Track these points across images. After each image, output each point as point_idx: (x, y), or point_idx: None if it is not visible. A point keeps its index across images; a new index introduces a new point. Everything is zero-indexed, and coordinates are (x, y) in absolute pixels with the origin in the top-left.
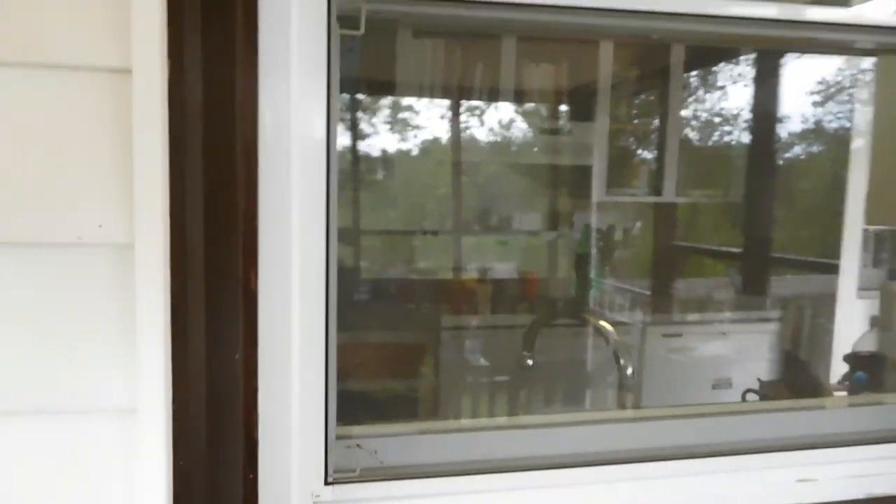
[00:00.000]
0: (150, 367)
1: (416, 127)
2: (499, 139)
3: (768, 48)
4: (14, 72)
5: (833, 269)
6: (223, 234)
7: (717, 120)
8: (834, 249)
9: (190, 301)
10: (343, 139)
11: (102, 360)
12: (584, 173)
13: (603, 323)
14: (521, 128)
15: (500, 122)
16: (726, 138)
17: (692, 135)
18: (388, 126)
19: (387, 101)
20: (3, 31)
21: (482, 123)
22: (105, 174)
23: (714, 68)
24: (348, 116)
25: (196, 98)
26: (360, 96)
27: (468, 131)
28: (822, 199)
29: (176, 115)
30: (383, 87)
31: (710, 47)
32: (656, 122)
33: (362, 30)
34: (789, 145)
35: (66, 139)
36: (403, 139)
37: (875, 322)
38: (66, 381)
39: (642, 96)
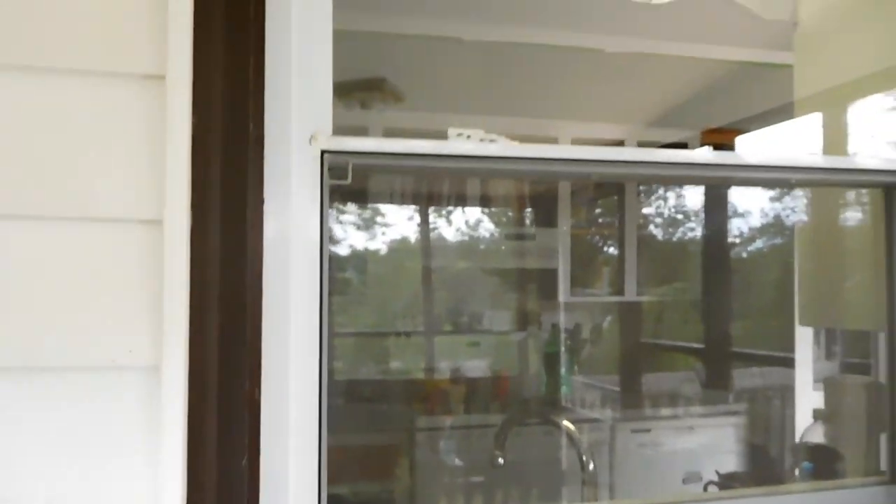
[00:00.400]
0: (170, 478)
1: (386, 230)
2: (467, 244)
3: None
4: (65, 225)
5: (790, 363)
6: (233, 357)
7: (674, 219)
8: (790, 343)
9: (205, 415)
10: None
11: (129, 471)
12: (549, 275)
13: (565, 422)
14: (488, 233)
15: (468, 227)
16: (683, 237)
17: (650, 235)
18: (361, 230)
19: (360, 206)
20: (51, 190)
21: (451, 229)
22: (137, 312)
23: None
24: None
25: (214, 244)
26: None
27: (438, 236)
28: (775, 294)
29: (197, 259)
30: (356, 195)
31: (659, 145)
32: (615, 224)
33: (349, 180)
34: (746, 241)
35: (105, 281)
36: (375, 243)
37: (817, 415)
38: (100, 491)
39: (600, 200)
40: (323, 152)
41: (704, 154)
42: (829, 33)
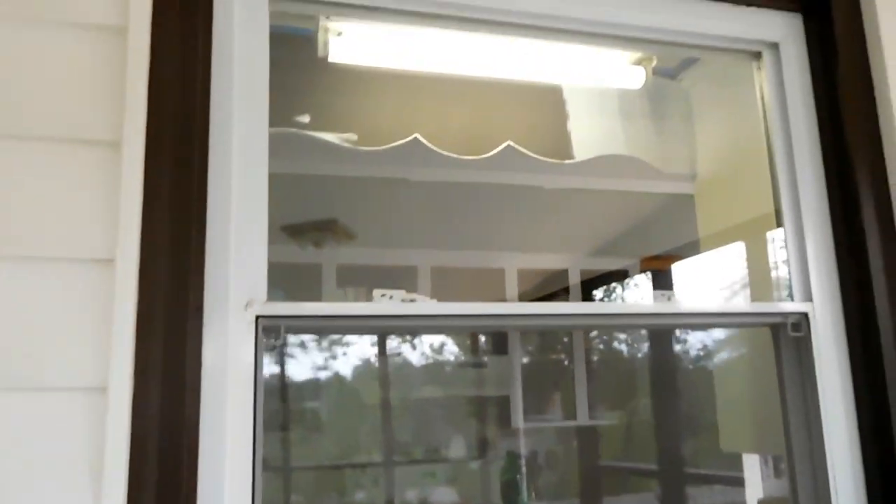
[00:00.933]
0: None
1: (342, 363)
2: (423, 373)
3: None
4: (16, 394)
5: (740, 482)
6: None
7: (621, 340)
8: (739, 463)
9: None
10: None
11: None
12: (503, 403)
13: None
14: (442, 362)
15: (423, 357)
16: (633, 363)
17: (600, 361)
18: (316, 362)
19: (319, 339)
20: (4, 362)
21: (407, 359)
22: (80, 472)
23: (610, 287)
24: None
25: (155, 406)
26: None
27: (393, 367)
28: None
29: (138, 421)
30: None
31: (600, 274)
32: (565, 351)
33: (282, 341)
34: (692, 366)
35: (50, 449)
36: (331, 378)
37: None
38: None
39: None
40: (258, 317)
41: (594, 306)
42: (721, 182)
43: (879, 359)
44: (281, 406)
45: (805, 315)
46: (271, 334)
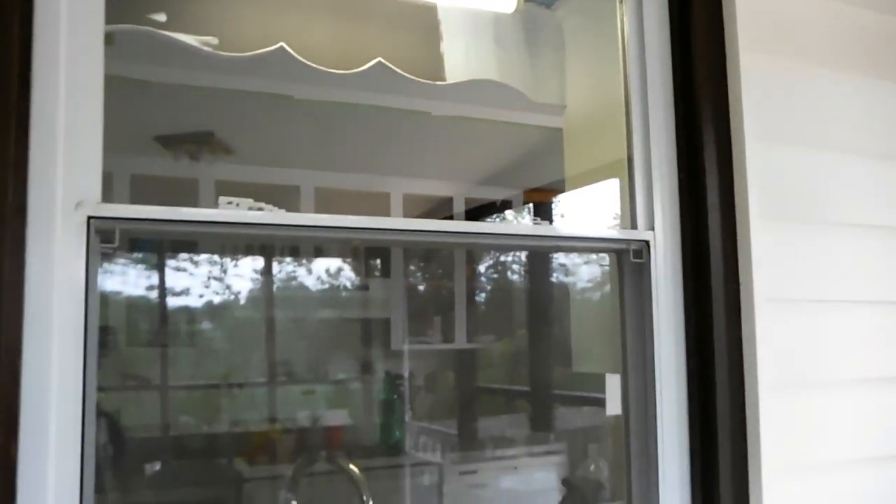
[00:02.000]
0: None
1: (221, 280)
2: (304, 294)
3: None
4: None
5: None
6: None
7: (500, 266)
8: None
9: None
10: (148, 293)
11: None
12: (383, 325)
13: (351, 466)
14: (325, 283)
15: (304, 278)
16: (510, 288)
17: (479, 285)
18: (196, 281)
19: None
20: None
21: (289, 280)
22: None
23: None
24: (153, 272)
25: None
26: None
27: (276, 287)
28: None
29: None
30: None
31: (484, 203)
32: (446, 274)
33: (116, 244)
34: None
35: None
36: (210, 294)
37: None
38: None
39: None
40: (90, 218)
41: (459, 224)
42: (589, 118)
43: (708, 285)
44: (150, 323)
45: (647, 243)
46: (104, 237)
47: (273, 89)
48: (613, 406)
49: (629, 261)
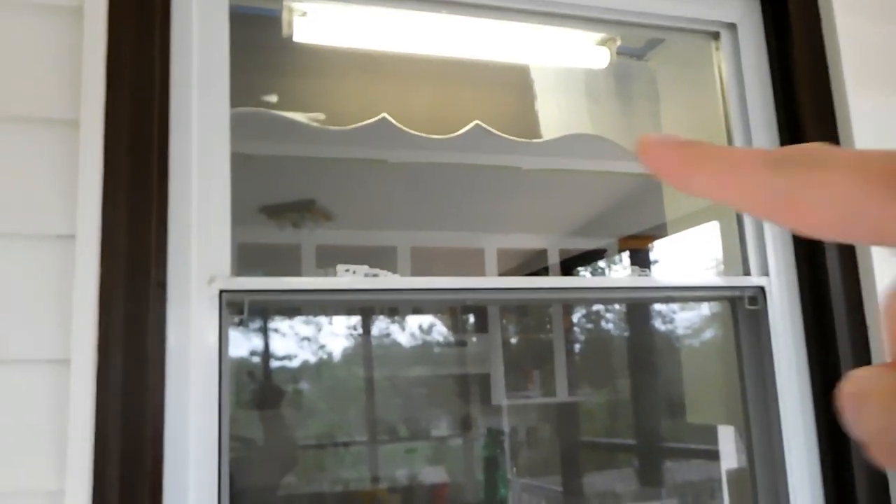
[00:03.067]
0: None
1: (325, 343)
2: (403, 352)
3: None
4: None
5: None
6: (134, 479)
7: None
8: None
9: None
10: (251, 355)
11: None
12: (483, 381)
13: None
14: (422, 340)
15: (404, 336)
16: (609, 336)
17: (579, 338)
18: (300, 343)
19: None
20: None
21: (388, 338)
22: (43, 445)
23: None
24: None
25: (117, 380)
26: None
27: (376, 346)
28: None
29: (101, 394)
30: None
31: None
32: (545, 328)
33: (245, 315)
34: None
35: (15, 419)
36: (315, 356)
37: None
38: None
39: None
40: (221, 291)
41: (562, 280)
42: None
43: (832, 331)
44: (263, 384)
45: (762, 289)
46: (236, 309)
47: (372, 155)
48: (729, 459)
49: (744, 308)
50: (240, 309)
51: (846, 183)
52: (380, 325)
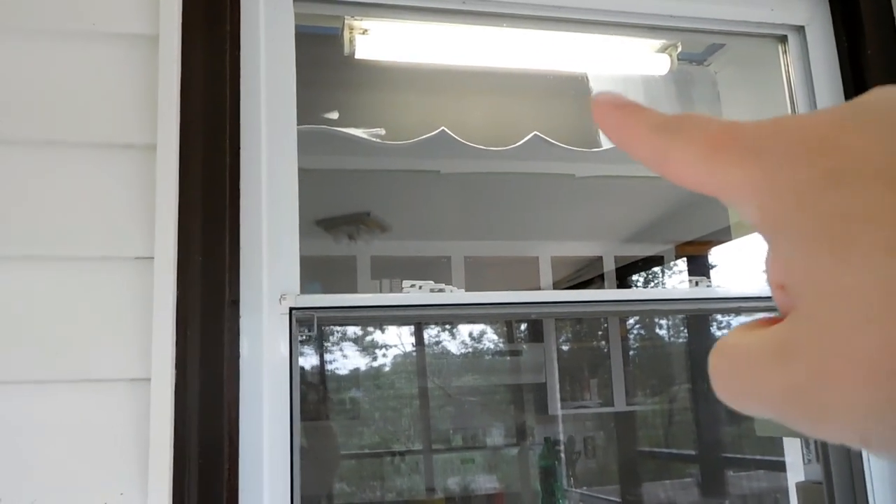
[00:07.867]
0: None
1: (381, 353)
2: (459, 362)
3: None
4: (63, 386)
5: (781, 466)
6: (212, 492)
7: (657, 325)
8: (780, 447)
9: None
10: (310, 367)
11: None
12: (539, 390)
13: None
14: (478, 350)
15: (460, 345)
16: (668, 343)
17: (636, 346)
18: (353, 356)
19: (351, 332)
20: (52, 356)
21: (443, 347)
22: (126, 461)
23: (646, 273)
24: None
25: (194, 396)
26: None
27: (430, 356)
28: None
29: (180, 411)
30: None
31: (635, 260)
32: (601, 336)
33: (315, 332)
34: None
35: (98, 437)
36: (371, 366)
37: None
38: None
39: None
40: (291, 309)
41: (621, 293)
42: None
43: None
44: (323, 395)
45: None
46: (305, 326)
47: (428, 167)
48: (796, 471)
49: None
50: (309, 325)
51: (690, 148)
52: (436, 335)
